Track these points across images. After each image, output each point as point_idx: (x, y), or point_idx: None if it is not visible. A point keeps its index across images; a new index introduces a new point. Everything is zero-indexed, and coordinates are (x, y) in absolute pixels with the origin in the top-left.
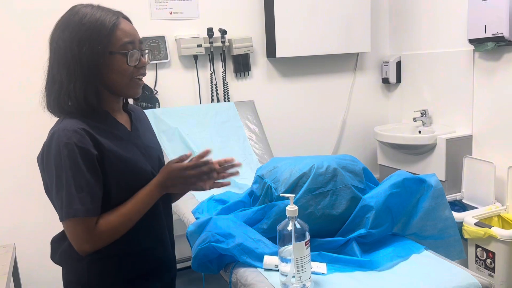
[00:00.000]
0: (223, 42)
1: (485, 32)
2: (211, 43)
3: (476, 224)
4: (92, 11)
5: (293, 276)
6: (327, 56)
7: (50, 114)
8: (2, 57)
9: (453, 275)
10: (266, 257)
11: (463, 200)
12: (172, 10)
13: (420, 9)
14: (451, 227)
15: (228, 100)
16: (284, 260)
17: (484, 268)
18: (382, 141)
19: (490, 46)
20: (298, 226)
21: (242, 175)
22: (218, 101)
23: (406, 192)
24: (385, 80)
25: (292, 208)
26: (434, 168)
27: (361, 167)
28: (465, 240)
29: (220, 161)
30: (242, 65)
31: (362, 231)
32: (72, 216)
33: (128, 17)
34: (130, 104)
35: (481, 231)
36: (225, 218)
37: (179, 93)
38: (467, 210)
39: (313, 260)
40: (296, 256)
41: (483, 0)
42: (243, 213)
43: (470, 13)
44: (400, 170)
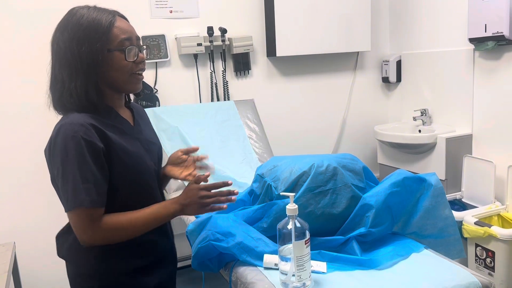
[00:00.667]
0: (223, 41)
1: (485, 31)
2: (211, 41)
3: (476, 223)
4: (88, 12)
5: (293, 275)
6: (327, 55)
7: (56, 113)
8: (4, 57)
9: (453, 274)
10: (266, 256)
11: (463, 199)
12: (172, 9)
13: (420, 8)
14: (451, 226)
15: (228, 99)
16: (284, 258)
17: (483, 267)
18: (382, 140)
19: (490, 45)
20: (298, 225)
21: (242, 174)
22: (218, 100)
23: (406, 191)
24: (385, 79)
25: (292, 207)
26: (434, 167)
27: (361, 166)
28: (465, 239)
29: (188, 149)
30: (242, 64)
31: (362, 230)
32: (77, 206)
33: (124, 16)
34: (131, 102)
35: (481, 230)
36: (225, 217)
37: (179, 92)
38: (467, 209)
39: (313, 259)
40: (296, 254)
41: None
42: (243, 212)
43: (470, 12)
44: (400, 169)
